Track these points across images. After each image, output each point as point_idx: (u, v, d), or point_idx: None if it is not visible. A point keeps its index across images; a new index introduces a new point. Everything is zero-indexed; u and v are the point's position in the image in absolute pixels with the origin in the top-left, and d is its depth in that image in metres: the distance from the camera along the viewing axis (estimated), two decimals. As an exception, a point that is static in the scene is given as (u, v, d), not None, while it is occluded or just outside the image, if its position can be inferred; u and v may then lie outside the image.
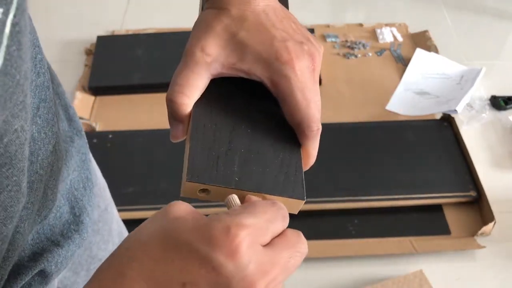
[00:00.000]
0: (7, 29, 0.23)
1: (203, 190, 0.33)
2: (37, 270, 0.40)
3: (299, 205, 0.34)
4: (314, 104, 0.36)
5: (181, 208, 0.31)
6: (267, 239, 0.30)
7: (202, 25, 0.36)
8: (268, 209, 0.30)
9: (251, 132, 0.36)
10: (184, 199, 0.33)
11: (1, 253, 0.31)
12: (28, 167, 0.33)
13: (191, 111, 0.36)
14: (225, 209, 0.32)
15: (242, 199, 0.33)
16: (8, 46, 0.23)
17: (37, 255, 0.40)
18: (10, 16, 0.23)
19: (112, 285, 0.28)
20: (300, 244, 0.32)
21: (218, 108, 0.36)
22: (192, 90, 0.35)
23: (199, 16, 0.38)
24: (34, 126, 0.34)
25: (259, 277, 0.28)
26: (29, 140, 0.30)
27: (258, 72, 0.36)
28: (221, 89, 0.37)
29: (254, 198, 0.33)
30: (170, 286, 0.27)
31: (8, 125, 0.27)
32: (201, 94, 0.36)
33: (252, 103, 0.38)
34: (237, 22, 0.36)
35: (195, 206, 0.32)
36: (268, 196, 0.33)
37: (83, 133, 0.49)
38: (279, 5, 0.39)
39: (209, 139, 0.34)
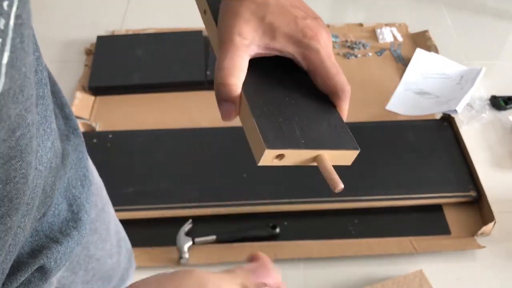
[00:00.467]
0: (12, 21, 0.23)
1: (278, 156, 0.37)
2: (36, 266, 0.40)
3: (354, 155, 0.40)
4: (341, 69, 0.40)
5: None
6: None
7: (231, 14, 0.40)
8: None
9: (294, 102, 0.40)
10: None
11: (5, 245, 0.31)
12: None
13: (240, 91, 0.39)
14: None
15: (310, 160, 0.38)
16: (13, 38, 0.24)
17: (36, 251, 0.41)
18: (14, 8, 0.23)
19: None
20: None
21: (262, 86, 0.41)
22: (239, 71, 0.39)
23: (223, 6, 0.41)
24: (35, 125, 0.34)
25: None
26: (35, 135, 0.31)
27: (290, 49, 0.40)
28: (259, 68, 0.41)
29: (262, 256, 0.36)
30: None
31: (22, 119, 0.27)
32: (245, 74, 0.39)
33: (286, 77, 0.42)
34: (262, 7, 0.40)
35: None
36: (331, 152, 0.38)
37: (80, 131, 0.50)
38: None
39: (266, 113, 0.38)
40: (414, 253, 1.16)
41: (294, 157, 0.37)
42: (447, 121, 1.42)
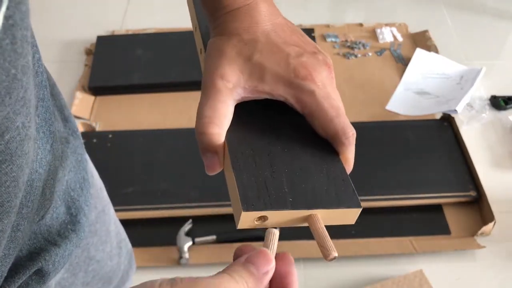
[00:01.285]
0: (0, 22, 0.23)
1: (260, 218, 0.33)
2: (34, 269, 0.40)
3: (356, 214, 0.34)
4: (342, 111, 0.36)
5: None
6: None
7: (215, 53, 0.37)
8: None
9: (287, 150, 0.36)
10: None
11: None
12: (28, 165, 0.32)
13: (224, 141, 0.35)
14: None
15: (301, 220, 0.33)
16: (0, 40, 0.23)
17: (34, 254, 0.40)
18: (3, 9, 0.23)
19: None
20: None
21: (250, 133, 0.36)
22: (221, 119, 0.35)
23: (209, 45, 0.38)
24: (33, 125, 0.34)
25: None
26: (30, 137, 0.30)
27: (281, 91, 0.36)
28: (246, 113, 0.37)
29: (269, 256, 0.33)
30: None
31: (10, 122, 0.26)
32: (229, 122, 0.36)
33: (279, 121, 0.38)
34: (249, 45, 0.36)
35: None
36: (325, 211, 0.33)
37: (79, 133, 0.49)
38: (284, 19, 0.39)
39: (250, 165, 0.34)
40: (414, 253, 1.16)
41: (279, 218, 0.33)
42: (447, 121, 1.42)
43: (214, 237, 1.17)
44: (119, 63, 1.60)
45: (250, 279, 0.30)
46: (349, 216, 0.34)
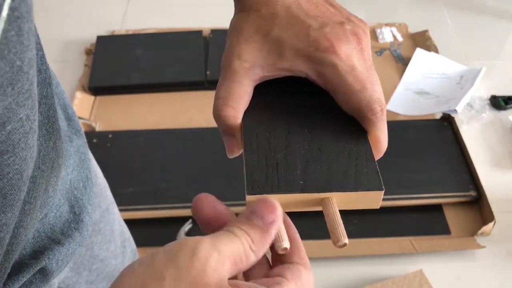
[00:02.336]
0: (4, 13, 0.23)
1: None
2: (38, 268, 0.40)
3: (378, 197, 0.31)
4: (370, 84, 0.33)
5: (218, 270, 0.26)
6: None
7: (234, 31, 0.35)
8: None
9: (308, 130, 0.33)
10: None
11: (2, 244, 0.31)
12: (33, 160, 0.32)
13: (241, 123, 0.34)
14: None
15: (316, 203, 0.31)
16: (5, 30, 0.23)
17: (38, 253, 0.40)
18: (8, 0, 0.23)
19: None
20: None
21: (269, 113, 0.35)
22: (236, 100, 0.34)
23: (231, 22, 0.36)
24: (36, 121, 0.34)
25: None
26: (35, 131, 0.30)
27: (301, 67, 0.34)
28: (268, 93, 0.35)
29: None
30: None
31: (12, 113, 0.26)
32: (247, 103, 0.34)
33: (304, 100, 0.36)
34: (268, 20, 0.34)
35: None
36: (341, 194, 0.31)
37: (82, 132, 0.49)
38: None
39: (264, 147, 0.32)
40: (414, 253, 1.16)
41: (290, 202, 0.30)
42: (447, 121, 1.42)
43: (214, 237, 1.17)
44: (119, 63, 1.60)
45: (254, 232, 0.27)
46: (371, 199, 0.31)
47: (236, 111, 0.34)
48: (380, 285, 1.10)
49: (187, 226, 1.18)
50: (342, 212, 0.33)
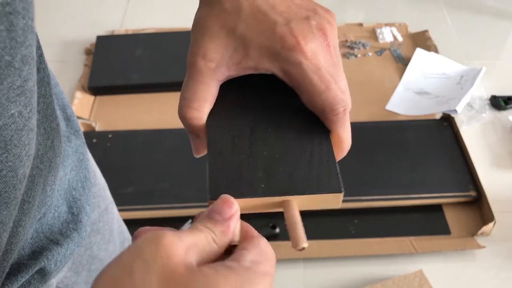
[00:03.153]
0: None
1: None
2: (37, 268, 0.40)
3: (338, 199, 0.31)
4: (335, 83, 0.33)
5: (182, 254, 0.26)
6: None
7: (198, 27, 0.34)
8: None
9: (272, 130, 0.33)
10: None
11: (0, 242, 0.31)
12: (30, 158, 0.32)
13: (205, 123, 0.34)
14: None
15: (277, 205, 0.31)
16: None
17: (37, 253, 0.40)
18: None
19: None
20: None
21: (234, 113, 0.34)
22: (200, 102, 0.33)
23: (195, 16, 0.35)
24: (35, 117, 0.34)
25: None
26: (31, 129, 0.30)
27: (266, 65, 0.33)
28: (234, 91, 0.35)
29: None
30: None
31: (2, 109, 0.26)
32: (212, 104, 0.34)
33: (270, 97, 0.35)
34: (233, 15, 0.33)
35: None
36: (301, 197, 0.31)
37: (81, 133, 0.49)
38: None
39: (227, 149, 0.32)
40: (414, 253, 1.16)
41: (252, 205, 0.31)
42: (447, 121, 1.42)
43: (214, 237, 1.17)
44: (119, 63, 1.60)
45: (215, 226, 0.28)
46: (331, 200, 0.31)
47: (201, 112, 0.34)
48: (380, 285, 1.10)
49: (187, 226, 1.18)
50: (343, 214, 0.34)
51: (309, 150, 0.32)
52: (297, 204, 0.31)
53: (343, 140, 0.34)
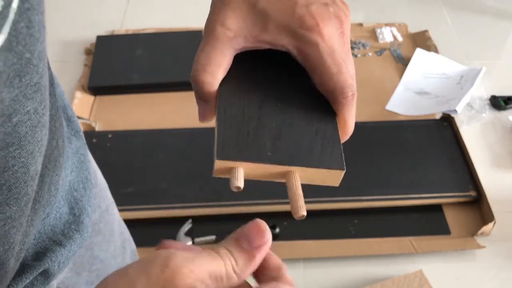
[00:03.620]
0: (15, 4, 0.22)
1: (235, 169, 0.31)
2: (41, 270, 0.40)
3: (339, 176, 0.32)
4: (346, 68, 0.34)
5: (189, 279, 0.25)
6: None
7: (218, 0, 0.35)
8: None
9: (281, 105, 0.34)
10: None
11: (6, 235, 0.30)
12: (42, 155, 0.32)
13: (217, 90, 0.34)
14: None
15: (279, 175, 0.32)
16: (15, 22, 0.23)
17: (41, 254, 0.40)
18: None
19: None
20: None
21: (246, 84, 0.35)
22: (214, 68, 0.34)
23: None
24: (47, 113, 0.33)
25: None
26: (44, 125, 0.30)
27: (283, 42, 0.34)
28: (247, 63, 0.36)
29: (263, 227, 0.29)
30: None
31: (19, 105, 0.26)
32: (226, 71, 0.35)
33: (281, 74, 0.36)
34: None
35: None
36: (304, 169, 0.32)
37: (82, 133, 0.49)
38: None
39: (237, 116, 0.33)
40: (414, 253, 1.16)
41: (256, 171, 0.31)
42: (447, 121, 1.42)
43: (214, 237, 1.17)
44: (119, 63, 1.60)
45: (239, 254, 0.27)
46: (331, 177, 0.32)
47: (214, 78, 0.34)
48: (380, 285, 1.10)
49: (187, 226, 1.18)
50: (343, 214, 0.34)
51: (316, 128, 0.34)
52: (299, 176, 0.32)
53: (348, 124, 0.35)
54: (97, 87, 1.53)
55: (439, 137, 1.38)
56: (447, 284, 1.13)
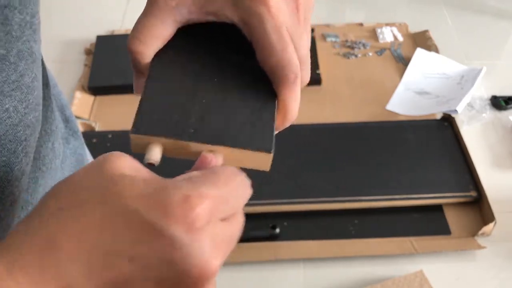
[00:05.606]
0: None
1: (154, 145, 0.30)
2: None
3: (267, 159, 0.30)
4: (293, 48, 0.31)
5: (122, 164, 0.27)
6: (227, 214, 0.27)
7: None
8: (232, 181, 0.27)
9: (218, 81, 0.32)
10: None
11: None
12: (32, 163, 0.32)
13: (151, 61, 0.32)
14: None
15: (199, 155, 0.30)
16: None
17: None
18: None
19: (39, 261, 0.22)
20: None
21: (183, 57, 0.33)
22: (151, 37, 0.32)
23: None
24: (33, 114, 0.33)
25: (216, 255, 0.25)
26: (28, 125, 0.30)
27: (228, 13, 0.31)
28: (190, 38, 0.33)
29: (209, 158, 0.29)
30: (115, 261, 0.23)
31: None
32: (163, 43, 0.32)
33: (227, 51, 0.33)
34: None
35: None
36: (228, 149, 0.29)
37: (80, 134, 0.49)
38: None
39: (164, 89, 0.31)
40: (414, 253, 1.16)
41: (177, 148, 0.30)
42: (447, 121, 1.42)
43: (214, 237, 1.17)
44: (119, 63, 1.59)
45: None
46: (260, 160, 0.30)
47: (148, 48, 0.32)
48: (380, 285, 1.10)
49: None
50: (343, 214, 0.33)
51: (251, 108, 0.31)
52: (224, 158, 0.30)
53: (289, 109, 0.33)
54: (97, 87, 1.53)
55: (439, 137, 1.38)
56: (447, 284, 1.13)
